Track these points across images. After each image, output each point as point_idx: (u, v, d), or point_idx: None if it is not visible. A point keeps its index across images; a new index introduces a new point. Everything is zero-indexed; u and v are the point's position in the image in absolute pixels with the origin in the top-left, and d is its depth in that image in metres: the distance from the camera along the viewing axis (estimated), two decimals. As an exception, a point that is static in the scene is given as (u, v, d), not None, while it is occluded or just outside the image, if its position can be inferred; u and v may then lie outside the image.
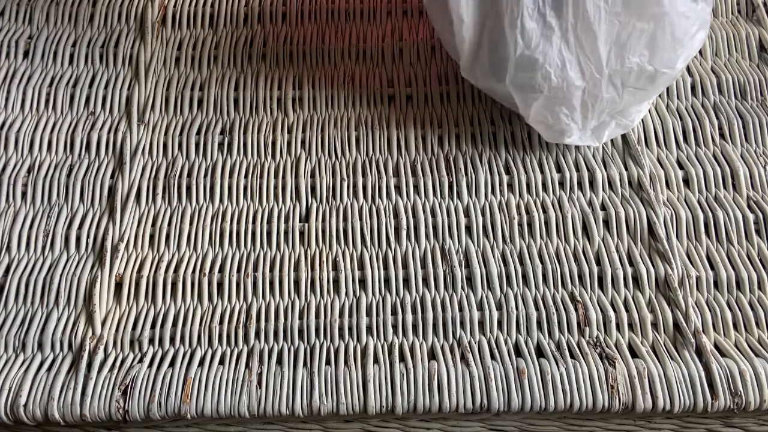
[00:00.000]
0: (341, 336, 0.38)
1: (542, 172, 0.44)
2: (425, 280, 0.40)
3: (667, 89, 0.47)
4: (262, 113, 0.47)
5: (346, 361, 0.37)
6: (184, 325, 0.38)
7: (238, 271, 0.40)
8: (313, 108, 0.47)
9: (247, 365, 0.37)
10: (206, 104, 0.47)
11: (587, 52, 0.40)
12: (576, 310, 0.39)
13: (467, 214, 0.42)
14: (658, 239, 0.41)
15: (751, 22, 0.51)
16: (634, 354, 0.37)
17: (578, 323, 0.38)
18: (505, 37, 0.40)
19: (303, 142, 0.45)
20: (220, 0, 0.52)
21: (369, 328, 0.39)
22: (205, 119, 0.47)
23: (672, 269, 0.40)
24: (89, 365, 0.37)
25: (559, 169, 0.44)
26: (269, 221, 0.42)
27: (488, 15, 0.40)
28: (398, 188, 0.44)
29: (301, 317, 0.39)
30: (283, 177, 0.44)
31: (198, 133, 0.46)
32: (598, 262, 0.41)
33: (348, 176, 0.44)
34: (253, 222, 0.42)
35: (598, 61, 0.40)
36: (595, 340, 0.38)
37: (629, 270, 0.40)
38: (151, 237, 0.42)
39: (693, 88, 0.48)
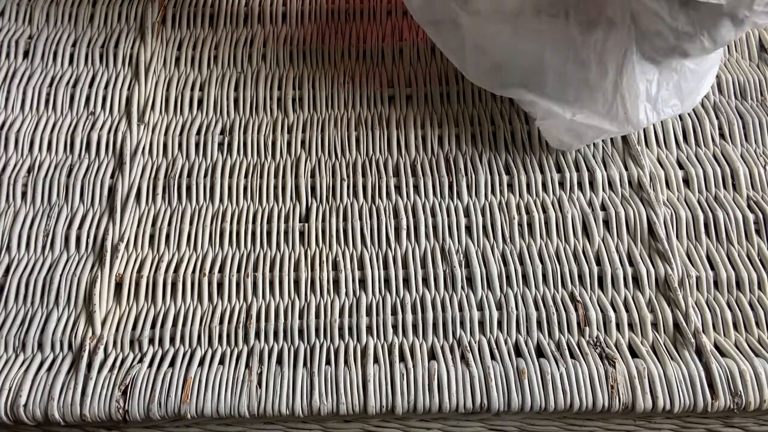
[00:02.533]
0: (341, 336, 0.38)
1: (542, 172, 0.44)
2: (425, 280, 0.40)
3: (667, 89, 0.47)
4: (262, 113, 0.47)
5: (346, 361, 0.37)
6: (184, 325, 0.38)
7: (238, 271, 0.40)
8: (313, 108, 0.47)
9: (247, 365, 0.37)
10: (206, 104, 0.47)
11: (629, 111, 0.40)
12: (576, 310, 0.39)
13: (467, 214, 0.42)
14: (658, 239, 0.41)
15: (751, 22, 0.51)
16: (634, 354, 0.37)
17: (578, 323, 0.38)
18: (544, 65, 0.40)
19: (303, 142, 0.45)
20: (220, 0, 0.52)
21: (369, 328, 0.39)
22: (205, 119, 0.47)
23: (672, 269, 0.40)
24: (89, 365, 0.37)
25: (559, 169, 0.44)
26: (269, 221, 0.42)
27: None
28: (398, 188, 0.44)
29: (301, 317, 0.39)
30: (283, 177, 0.44)
31: (198, 133, 0.46)
32: (598, 262, 0.41)
33: (348, 176, 0.44)
34: (253, 222, 0.42)
35: (636, 116, 0.40)
36: (595, 340, 0.38)
37: (629, 270, 0.40)
38: (151, 237, 0.42)
39: (693, 88, 0.48)
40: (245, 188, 0.43)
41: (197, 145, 0.45)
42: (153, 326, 0.39)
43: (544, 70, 0.40)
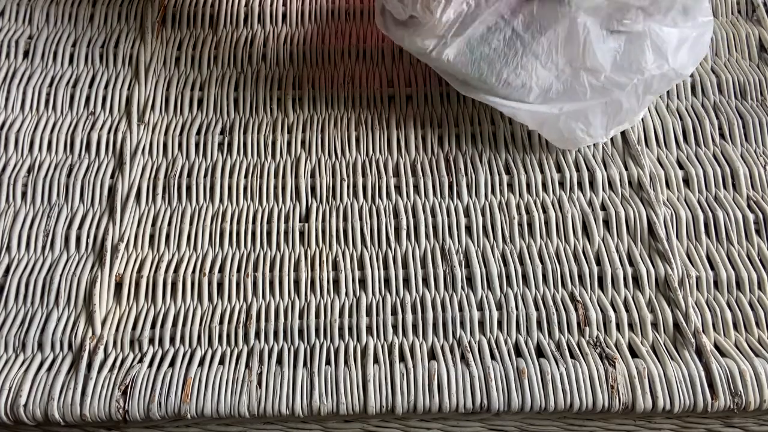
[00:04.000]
0: (341, 336, 0.38)
1: (542, 172, 0.44)
2: (425, 280, 0.40)
3: (667, 89, 0.48)
4: (262, 113, 0.47)
5: (346, 361, 0.37)
6: (184, 325, 0.38)
7: (238, 271, 0.40)
8: (313, 108, 0.47)
9: (247, 365, 0.37)
10: (206, 104, 0.47)
11: (604, 82, 0.41)
12: (576, 310, 0.39)
13: (467, 214, 0.42)
14: (658, 239, 0.41)
15: (751, 22, 0.51)
16: (634, 354, 0.37)
17: (578, 323, 0.38)
18: (520, 74, 0.41)
19: (303, 142, 0.45)
20: (220, 0, 0.52)
21: (369, 328, 0.39)
22: (205, 119, 0.47)
23: (672, 269, 0.40)
24: (89, 365, 0.37)
25: (559, 169, 0.44)
26: (269, 221, 0.42)
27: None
28: (398, 188, 0.44)
29: (301, 317, 0.39)
30: (283, 177, 0.44)
31: (198, 133, 0.46)
32: (598, 262, 0.41)
33: (348, 176, 0.44)
34: (253, 222, 0.42)
35: (616, 80, 0.41)
36: (595, 340, 0.38)
37: (629, 270, 0.40)
38: (151, 237, 0.42)
39: (693, 88, 0.48)
40: (245, 188, 0.43)
41: (197, 145, 0.45)
42: (153, 326, 0.39)
43: (525, 79, 0.42)
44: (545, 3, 0.40)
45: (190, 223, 0.42)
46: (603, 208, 0.43)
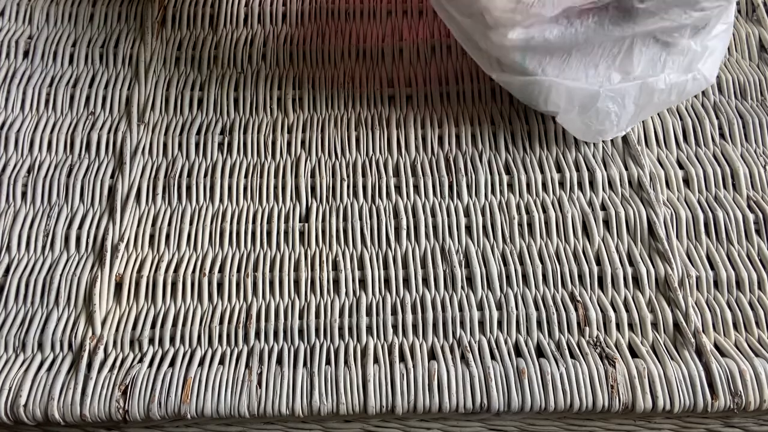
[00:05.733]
0: (341, 336, 0.38)
1: (542, 172, 0.44)
2: (425, 280, 0.40)
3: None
4: (262, 113, 0.47)
5: (346, 361, 0.37)
6: (184, 325, 0.38)
7: (238, 271, 0.40)
8: (313, 108, 0.47)
9: (247, 365, 0.37)
10: (206, 104, 0.47)
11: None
12: (576, 310, 0.39)
13: (467, 214, 0.42)
14: (658, 239, 0.41)
15: (751, 22, 0.51)
16: (634, 354, 0.37)
17: (578, 323, 0.38)
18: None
19: (303, 142, 0.45)
20: (220, 0, 0.52)
21: (369, 328, 0.39)
22: (205, 119, 0.47)
23: (672, 269, 0.40)
24: (89, 365, 0.37)
25: (559, 169, 0.44)
26: (269, 221, 0.42)
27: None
28: (398, 188, 0.44)
29: (301, 317, 0.39)
30: (283, 177, 0.44)
31: (198, 133, 0.46)
32: (598, 262, 0.41)
33: (348, 176, 0.44)
34: (253, 222, 0.42)
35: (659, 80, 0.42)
36: (595, 340, 0.38)
37: (629, 270, 0.40)
38: (151, 237, 0.42)
39: (693, 88, 0.48)
40: (245, 188, 0.44)
41: (197, 145, 0.45)
42: (153, 326, 0.39)
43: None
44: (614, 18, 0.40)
45: (190, 223, 0.42)
46: (603, 208, 0.43)
